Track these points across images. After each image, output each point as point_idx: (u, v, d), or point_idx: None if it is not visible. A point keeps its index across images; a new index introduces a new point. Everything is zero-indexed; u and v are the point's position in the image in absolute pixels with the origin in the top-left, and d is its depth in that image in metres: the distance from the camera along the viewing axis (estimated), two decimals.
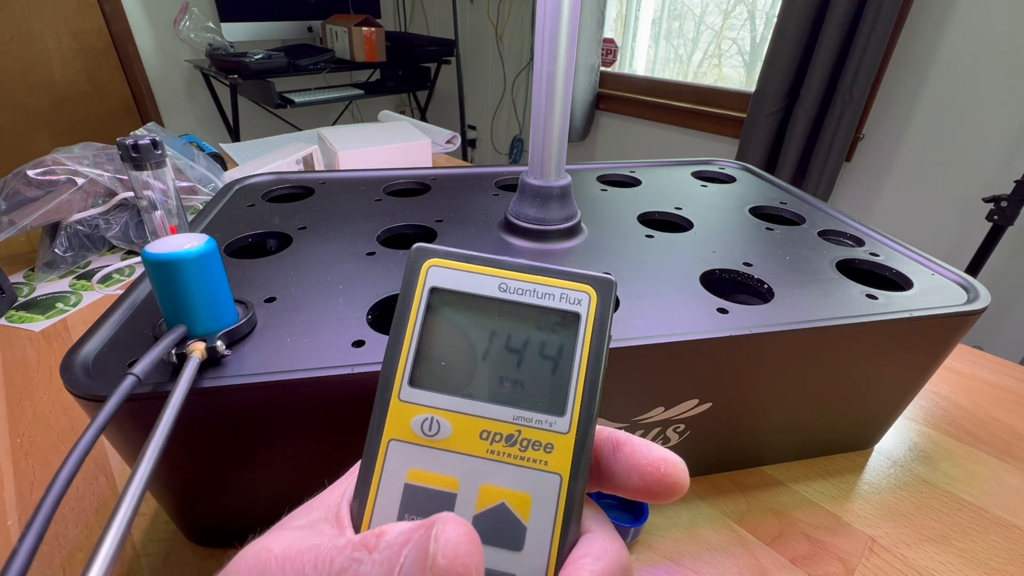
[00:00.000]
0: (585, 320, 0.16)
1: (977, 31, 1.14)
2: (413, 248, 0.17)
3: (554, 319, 0.16)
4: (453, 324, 0.16)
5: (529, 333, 0.16)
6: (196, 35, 1.83)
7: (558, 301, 0.16)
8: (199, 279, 0.23)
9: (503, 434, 0.15)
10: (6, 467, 0.37)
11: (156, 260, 0.21)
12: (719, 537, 0.33)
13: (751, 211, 0.45)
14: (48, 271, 0.59)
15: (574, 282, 0.16)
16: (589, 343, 0.16)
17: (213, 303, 0.24)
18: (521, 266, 0.16)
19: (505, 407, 0.15)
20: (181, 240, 0.22)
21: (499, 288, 0.16)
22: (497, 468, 0.14)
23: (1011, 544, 0.33)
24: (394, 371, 0.15)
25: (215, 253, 0.23)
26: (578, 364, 0.15)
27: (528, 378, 0.15)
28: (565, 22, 0.32)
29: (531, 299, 0.16)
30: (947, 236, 1.29)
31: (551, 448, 0.15)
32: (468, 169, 0.53)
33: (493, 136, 2.46)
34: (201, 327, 0.24)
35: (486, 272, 0.16)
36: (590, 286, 0.16)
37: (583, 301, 0.16)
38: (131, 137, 0.27)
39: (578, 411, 0.15)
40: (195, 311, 0.23)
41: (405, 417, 0.15)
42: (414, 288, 0.16)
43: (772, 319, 0.30)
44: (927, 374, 0.36)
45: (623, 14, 1.91)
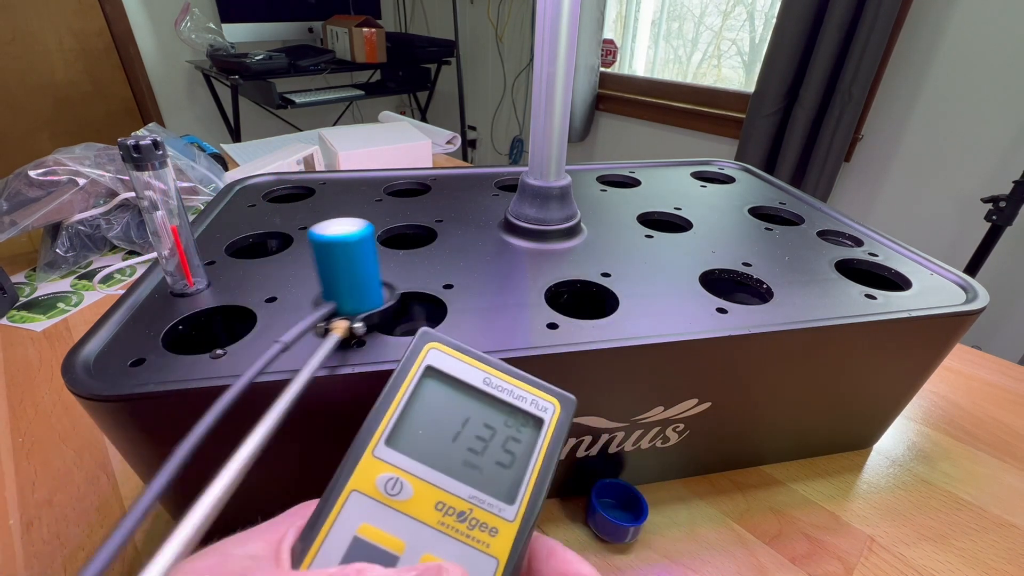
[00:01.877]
0: (547, 426, 0.18)
1: (976, 32, 1.14)
2: (420, 331, 0.19)
3: (522, 419, 0.18)
4: (437, 401, 0.18)
5: (499, 425, 0.18)
6: (197, 36, 1.83)
7: (528, 405, 0.18)
8: (348, 262, 0.24)
9: (456, 509, 0.16)
10: (8, 467, 0.37)
11: (319, 241, 0.23)
12: (719, 536, 0.33)
13: (750, 211, 0.45)
14: (49, 271, 0.59)
15: (545, 393, 0.19)
16: (546, 446, 0.18)
17: (360, 285, 0.25)
18: (506, 368, 0.19)
19: (464, 484, 0.16)
20: (343, 224, 0.24)
21: (483, 381, 0.18)
22: (443, 540, 0.15)
23: (1010, 543, 0.33)
24: (375, 428, 0.17)
25: (369, 240, 0.24)
26: (534, 462, 0.17)
27: (489, 464, 0.17)
28: (565, 22, 0.32)
29: (507, 397, 0.18)
30: (946, 236, 1.29)
31: (496, 532, 0.16)
32: (468, 169, 0.53)
33: (493, 136, 2.46)
34: (348, 306, 0.25)
35: (476, 365, 0.19)
36: (557, 400, 0.18)
37: (548, 410, 0.18)
38: (132, 137, 0.27)
39: (526, 503, 0.16)
40: (343, 291, 0.25)
41: (373, 472, 0.16)
42: (412, 362, 0.18)
43: (771, 319, 0.30)
44: (926, 374, 0.36)
45: (623, 15, 1.91)
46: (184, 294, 0.30)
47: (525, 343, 0.27)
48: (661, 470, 0.36)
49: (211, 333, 0.30)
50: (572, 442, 0.32)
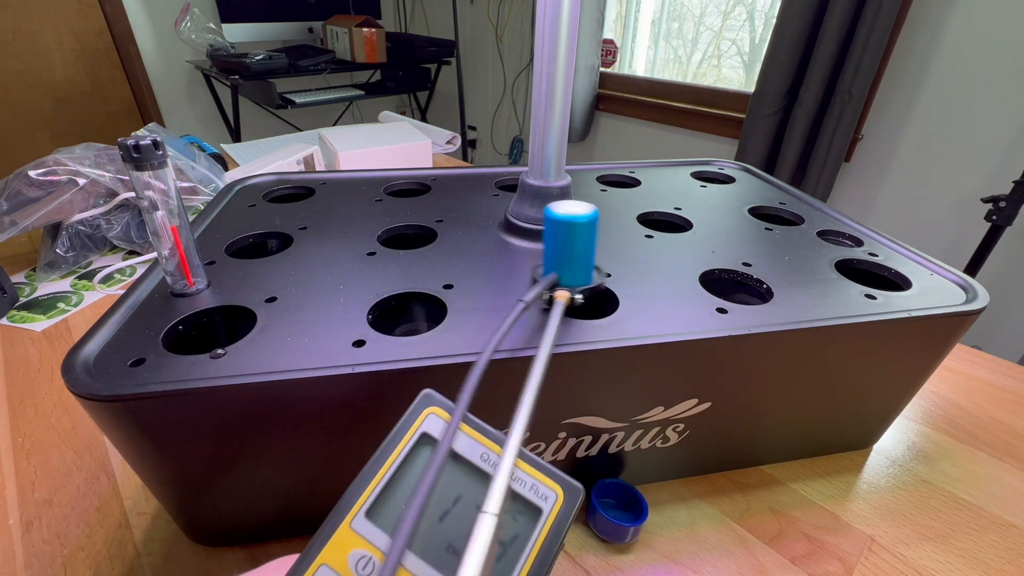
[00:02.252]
0: (545, 517, 0.15)
1: (976, 32, 1.14)
2: (423, 393, 0.18)
3: (518, 506, 0.16)
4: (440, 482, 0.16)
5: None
6: (197, 36, 1.83)
7: (527, 490, 0.16)
8: (580, 239, 0.28)
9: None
10: (7, 466, 0.37)
11: (558, 219, 0.27)
12: (719, 536, 0.33)
13: (750, 211, 0.45)
14: (49, 271, 0.59)
15: (548, 478, 0.16)
16: (541, 542, 0.15)
17: (583, 261, 0.29)
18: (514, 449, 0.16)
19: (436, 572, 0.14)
20: (574, 206, 0.28)
21: (480, 457, 0.16)
22: None
23: (1010, 543, 0.33)
24: (357, 496, 0.15)
25: (596, 223, 0.28)
26: (524, 558, 0.15)
27: None
28: (565, 22, 0.32)
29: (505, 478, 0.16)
30: (946, 236, 1.29)
31: None
32: (468, 169, 0.53)
33: (493, 136, 2.46)
34: (569, 279, 0.29)
35: (474, 437, 0.17)
36: (560, 487, 0.16)
37: (549, 499, 0.16)
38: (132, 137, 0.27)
39: None
40: (569, 264, 0.28)
41: (347, 546, 0.15)
42: (408, 428, 0.17)
43: (771, 319, 0.30)
44: (926, 374, 0.36)
45: (623, 15, 1.91)
46: (184, 294, 0.30)
47: (525, 343, 0.27)
48: (661, 470, 0.36)
49: (211, 333, 0.30)
50: (572, 442, 0.32)
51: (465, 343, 0.27)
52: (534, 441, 0.31)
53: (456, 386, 0.27)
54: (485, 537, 0.14)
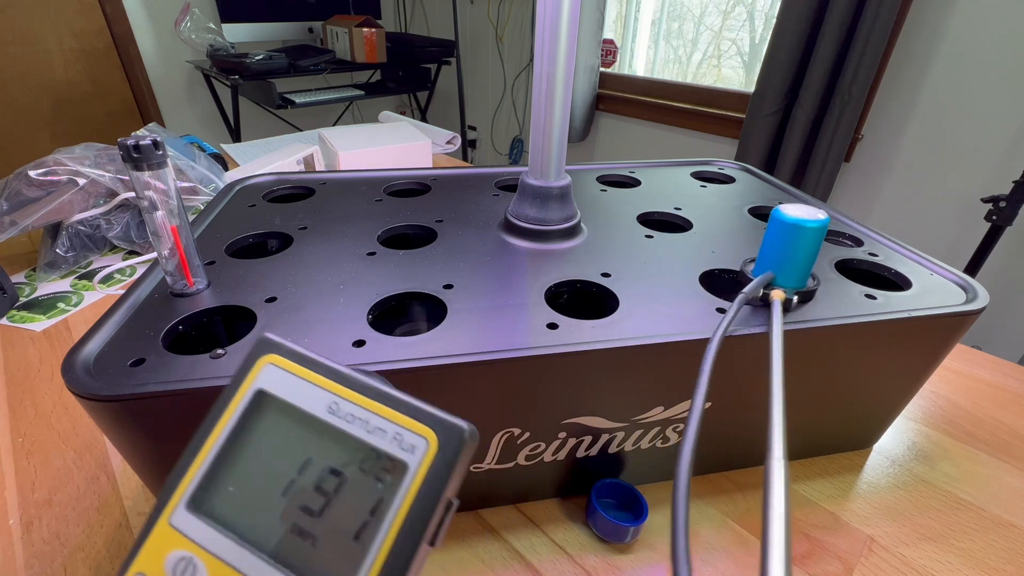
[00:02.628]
0: (412, 476, 0.12)
1: (976, 32, 1.14)
2: (258, 338, 0.14)
3: (382, 464, 0.12)
4: (265, 441, 0.13)
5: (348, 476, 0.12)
6: (197, 36, 1.83)
7: (388, 441, 0.12)
8: (806, 244, 0.28)
9: None
10: (8, 466, 0.37)
11: (790, 222, 0.28)
12: (719, 536, 0.33)
13: (750, 211, 0.45)
14: (49, 271, 0.59)
15: (414, 420, 0.12)
16: (407, 510, 0.11)
17: (806, 265, 0.30)
18: (361, 385, 0.13)
19: (276, 570, 0.11)
20: (804, 210, 0.29)
21: (328, 408, 0.12)
22: None
23: (1010, 543, 0.33)
24: (175, 484, 0.12)
25: (825, 229, 0.28)
26: (383, 535, 0.11)
27: (324, 537, 0.12)
28: (565, 22, 0.32)
29: (358, 431, 0.12)
30: (946, 236, 1.29)
31: None
32: (468, 169, 0.53)
33: (493, 136, 2.46)
34: (784, 280, 0.30)
35: (321, 384, 0.13)
36: (432, 430, 0.12)
37: (418, 449, 0.12)
38: (132, 137, 0.27)
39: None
40: (790, 266, 0.29)
41: (164, 548, 0.12)
42: (238, 385, 0.13)
43: None
44: (926, 374, 0.36)
45: (623, 15, 1.91)
46: (184, 294, 0.30)
47: (525, 343, 0.27)
48: (661, 470, 0.36)
49: (211, 333, 0.30)
50: (572, 442, 0.32)
51: (465, 343, 0.27)
52: (534, 442, 0.31)
53: (457, 386, 0.27)
54: None
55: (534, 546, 0.32)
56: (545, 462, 0.32)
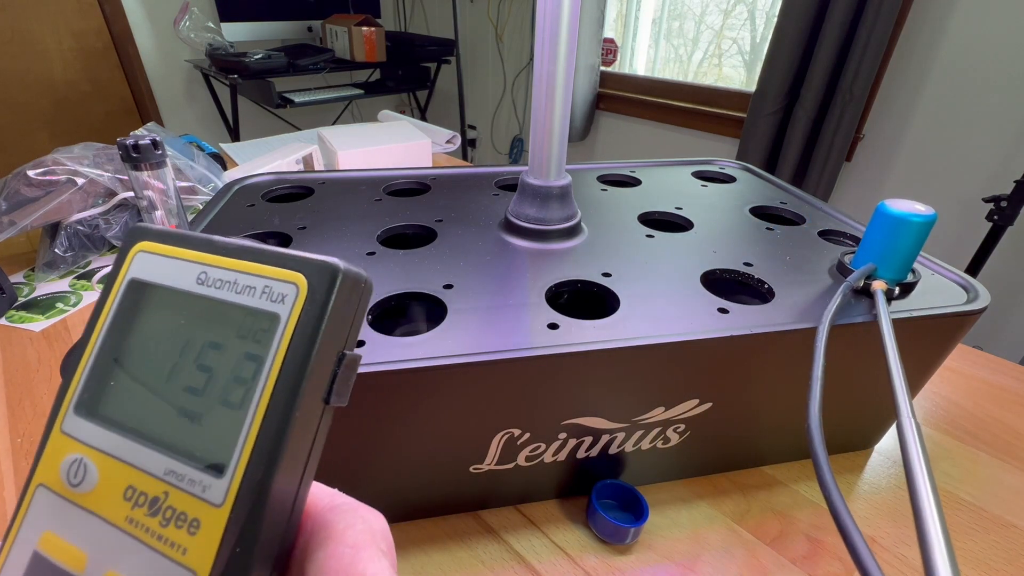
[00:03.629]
0: (283, 326, 0.11)
1: (977, 31, 1.14)
2: (129, 228, 0.13)
3: (258, 324, 0.11)
4: (143, 331, 0.12)
5: (226, 345, 0.11)
6: (196, 35, 1.83)
7: (258, 297, 0.11)
8: (910, 237, 0.29)
9: (148, 495, 0.11)
10: (6, 467, 0.37)
11: (891, 215, 0.29)
12: (719, 537, 0.33)
13: (751, 211, 0.45)
14: (48, 271, 0.59)
15: (279, 268, 0.11)
16: (281, 363, 0.11)
17: (906, 258, 0.30)
18: (224, 247, 0.12)
19: (160, 454, 0.11)
20: (911, 204, 0.29)
21: (197, 279, 0.12)
22: (130, 547, 0.10)
23: (1010, 544, 0.33)
24: (64, 393, 0.12)
25: (931, 225, 0.29)
26: (259, 393, 0.11)
27: (209, 413, 0.11)
28: (565, 22, 0.32)
29: (228, 294, 0.11)
30: (947, 236, 1.29)
31: (196, 527, 0.10)
32: (468, 169, 0.53)
33: (493, 136, 2.45)
34: (885, 272, 0.31)
35: (187, 257, 0.12)
36: (300, 274, 0.11)
37: (287, 297, 0.11)
38: (131, 137, 0.27)
39: (242, 471, 0.10)
40: (891, 258, 0.30)
41: (58, 455, 0.12)
42: (113, 281, 0.13)
43: (772, 319, 0.30)
44: (927, 374, 0.36)
45: (623, 14, 1.91)
46: None
47: (525, 343, 0.27)
48: (662, 471, 0.36)
49: None
50: (573, 443, 0.32)
51: (465, 343, 0.27)
52: (534, 442, 0.31)
53: (457, 386, 0.27)
54: None
55: (534, 547, 0.32)
56: (545, 463, 0.32)
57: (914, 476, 0.17)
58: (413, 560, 0.31)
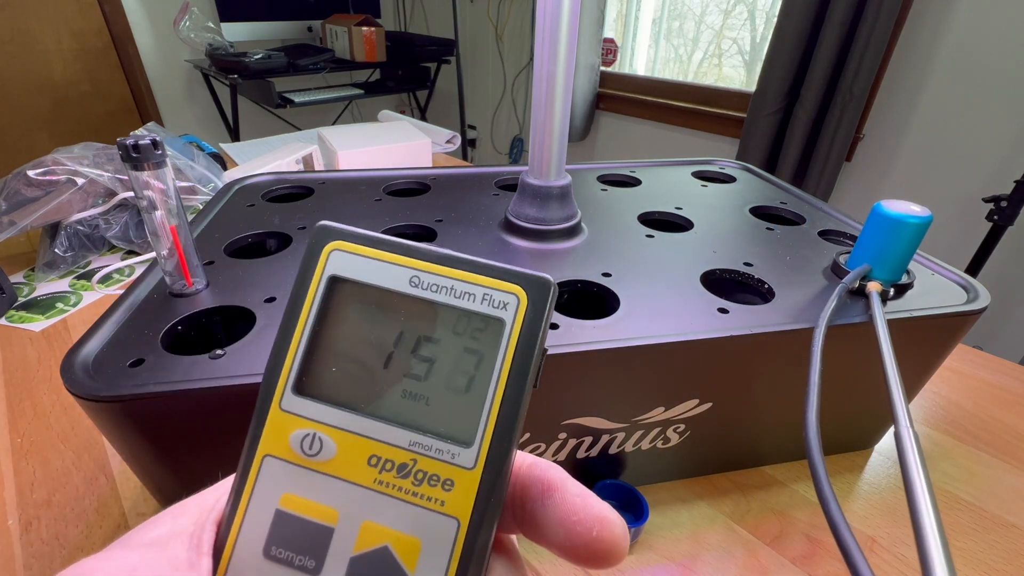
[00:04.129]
0: (509, 329, 0.13)
1: (977, 31, 1.14)
2: (316, 227, 0.14)
3: (475, 323, 0.13)
4: (353, 323, 0.13)
5: (443, 339, 0.13)
6: (196, 35, 1.83)
7: (479, 303, 0.13)
8: (908, 239, 0.30)
9: (395, 462, 0.13)
10: (6, 467, 0.37)
11: (887, 216, 0.29)
12: (719, 537, 0.33)
13: (751, 211, 0.45)
14: (48, 271, 0.59)
15: (500, 280, 0.13)
16: (511, 359, 0.13)
17: (901, 259, 0.31)
18: (438, 256, 0.13)
19: (401, 429, 0.13)
20: (907, 205, 0.30)
21: (410, 282, 0.13)
22: (384, 503, 0.12)
23: (1010, 544, 0.33)
24: (278, 374, 0.13)
25: (927, 226, 0.29)
26: (495, 384, 0.13)
27: (435, 396, 0.13)
28: (565, 22, 0.32)
29: (446, 298, 0.13)
30: (947, 236, 1.29)
31: (450, 485, 0.12)
32: (468, 169, 0.53)
33: (493, 136, 2.45)
34: (880, 273, 0.31)
35: (397, 261, 0.13)
36: (519, 287, 0.13)
37: (510, 305, 0.13)
38: (131, 137, 0.27)
39: (488, 442, 0.13)
40: (887, 259, 0.30)
41: (285, 430, 0.13)
42: (311, 276, 0.14)
43: (772, 319, 0.30)
44: (927, 374, 0.36)
45: (623, 14, 1.91)
46: (183, 294, 0.30)
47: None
48: (662, 471, 0.36)
49: (210, 333, 0.30)
50: (573, 443, 0.32)
51: None
52: (534, 442, 0.31)
53: None
54: None
55: (534, 547, 0.32)
56: None
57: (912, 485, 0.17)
58: None
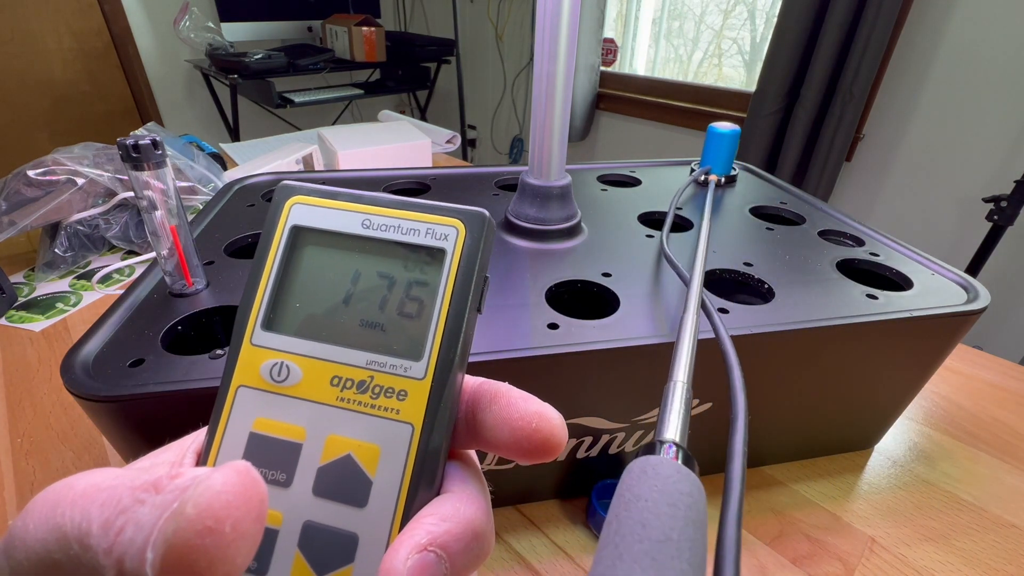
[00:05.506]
0: (450, 257, 0.15)
1: (977, 31, 1.14)
2: (279, 186, 0.15)
3: (421, 257, 0.15)
4: (314, 265, 0.15)
5: (394, 272, 0.15)
6: (196, 35, 1.83)
7: (423, 237, 0.15)
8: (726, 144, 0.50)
9: (355, 380, 0.14)
10: (6, 467, 0.37)
11: (715, 132, 0.50)
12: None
13: (751, 211, 0.45)
14: (48, 271, 0.59)
15: (442, 217, 0.15)
16: (453, 281, 0.14)
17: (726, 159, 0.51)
18: (385, 200, 0.15)
19: (359, 351, 0.14)
20: (727, 126, 0.49)
21: (362, 225, 0.15)
22: (346, 417, 0.14)
23: (1010, 544, 0.33)
24: (247, 314, 0.15)
25: (737, 136, 0.50)
26: (439, 304, 0.14)
27: (389, 321, 0.14)
28: (565, 22, 0.32)
29: (395, 235, 0.15)
30: (947, 236, 1.29)
31: (404, 395, 0.14)
32: (468, 169, 0.53)
33: (493, 136, 2.45)
34: (716, 171, 0.50)
35: (349, 208, 0.15)
36: (458, 220, 0.15)
37: (450, 236, 0.15)
38: (131, 137, 0.27)
39: (436, 354, 0.14)
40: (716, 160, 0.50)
41: (255, 362, 0.14)
42: (275, 227, 0.15)
43: (772, 319, 0.30)
44: (927, 374, 0.36)
45: (623, 14, 1.91)
46: (183, 294, 0.30)
47: (525, 343, 0.27)
48: None
49: (210, 333, 0.30)
50: (573, 443, 0.32)
51: None
52: None
53: None
54: None
55: (534, 547, 0.32)
56: (545, 463, 0.32)
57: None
58: None
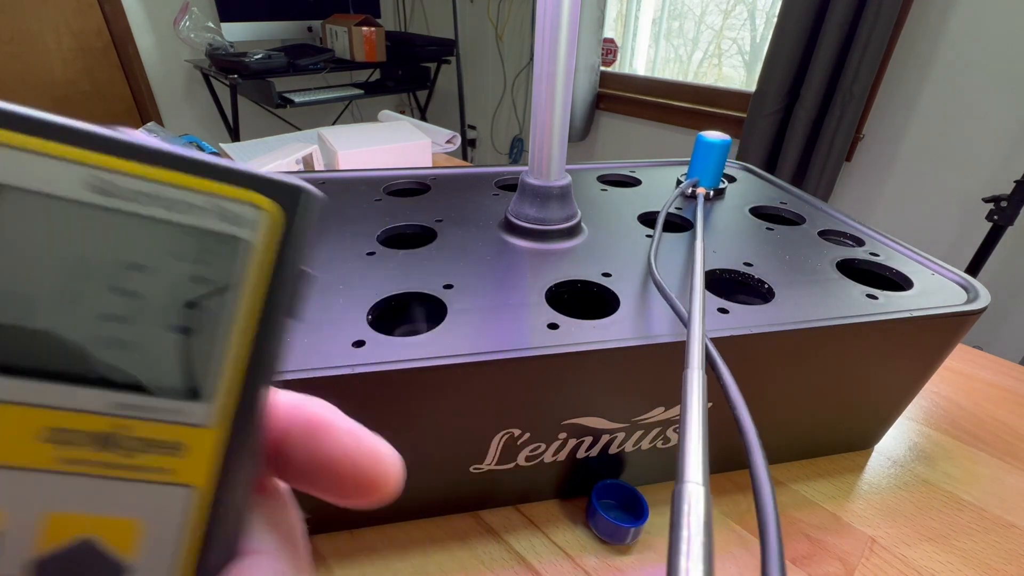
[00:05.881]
0: (248, 248, 0.10)
1: (977, 31, 1.14)
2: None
3: (201, 244, 0.10)
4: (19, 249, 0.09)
5: (156, 267, 0.10)
6: (196, 35, 1.83)
7: (201, 216, 0.10)
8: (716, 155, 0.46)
9: (91, 433, 0.09)
10: None
11: (704, 142, 0.46)
12: (719, 537, 0.33)
13: (751, 211, 0.45)
14: None
15: (236, 187, 0.10)
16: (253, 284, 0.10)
17: (715, 171, 0.47)
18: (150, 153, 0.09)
19: (96, 389, 0.09)
20: (717, 135, 0.45)
21: (94, 187, 0.09)
22: (77, 486, 0.09)
23: (1011, 544, 0.33)
24: None
25: (728, 147, 0.46)
26: (233, 317, 0.10)
27: (148, 340, 0.10)
28: (565, 22, 0.32)
29: (152, 209, 0.09)
30: (947, 236, 1.29)
31: (179, 449, 0.10)
32: (468, 169, 0.53)
33: (493, 136, 2.45)
34: (704, 183, 0.46)
35: (74, 157, 0.09)
36: (262, 195, 0.10)
37: (245, 219, 0.10)
38: None
39: (229, 389, 0.10)
40: (705, 172, 0.46)
41: None
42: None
43: (772, 319, 0.30)
44: (927, 374, 0.36)
45: (623, 14, 1.91)
46: None
47: (525, 343, 0.27)
48: (662, 471, 0.36)
49: None
50: (573, 443, 0.32)
51: (465, 343, 0.27)
52: (534, 442, 0.31)
53: (457, 386, 0.27)
54: None
55: (534, 547, 0.32)
56: (545, 463, 0.32)
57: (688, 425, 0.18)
58: (413, 560, 0.31)
